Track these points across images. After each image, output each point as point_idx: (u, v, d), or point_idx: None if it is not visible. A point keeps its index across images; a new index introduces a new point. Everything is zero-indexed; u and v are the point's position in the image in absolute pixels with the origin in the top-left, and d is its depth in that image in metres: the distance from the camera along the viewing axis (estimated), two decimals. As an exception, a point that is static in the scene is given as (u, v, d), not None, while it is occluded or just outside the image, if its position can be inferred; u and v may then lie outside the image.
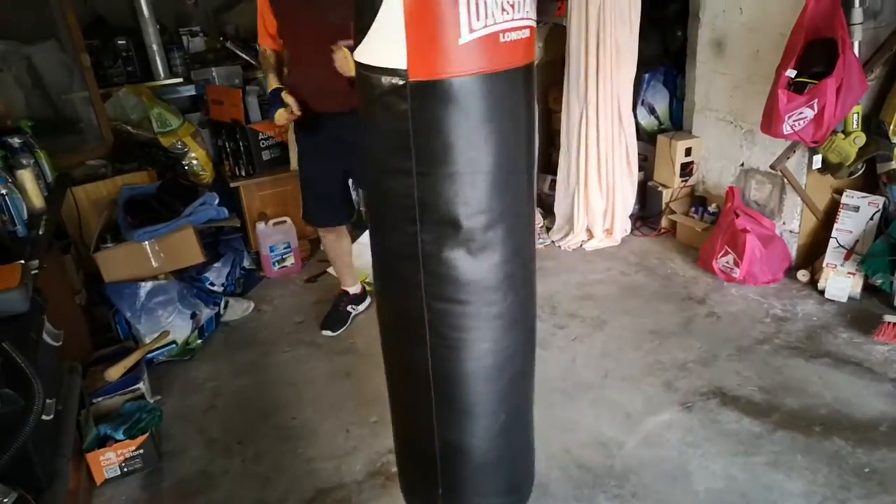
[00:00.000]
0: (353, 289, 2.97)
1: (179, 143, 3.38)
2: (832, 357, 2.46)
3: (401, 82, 1.15)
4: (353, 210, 2.86)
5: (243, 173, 3.44)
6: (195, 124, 3.55)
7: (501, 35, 1.17)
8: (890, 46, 2.67)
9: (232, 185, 3.41)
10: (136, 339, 2.70)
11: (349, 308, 2.95)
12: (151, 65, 3.84)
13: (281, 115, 2.40)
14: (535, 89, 1.32)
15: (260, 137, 3.42)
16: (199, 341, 2.84)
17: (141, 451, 2.12)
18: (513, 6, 1.17)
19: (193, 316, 2.81)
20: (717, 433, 2.12)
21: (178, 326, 2.73)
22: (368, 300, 3.02)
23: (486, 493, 1.51)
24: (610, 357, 2.57)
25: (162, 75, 3.86)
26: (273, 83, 2.47)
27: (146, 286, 2.73)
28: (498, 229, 1.26)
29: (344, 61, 2.17)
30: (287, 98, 2.38)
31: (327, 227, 2.83)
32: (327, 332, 2.87)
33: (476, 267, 1.27)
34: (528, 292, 1.42)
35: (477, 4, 1.12)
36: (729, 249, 2.96)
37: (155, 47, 3.81)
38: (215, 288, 3.12)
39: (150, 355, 2.65)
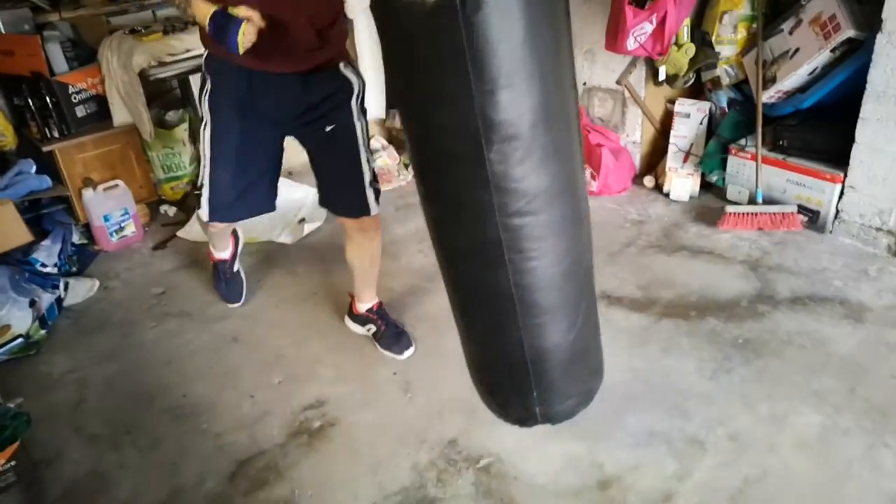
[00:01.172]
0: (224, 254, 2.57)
1: (-33, 105, 2.81)
2: (688, 250, 2.73)
3: None
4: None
5: (56, 134, 2.95)
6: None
7: None
8: (707, -39, 2.92)
9: (45, 148, 2.91)
10: (-37, 342, 2.27)
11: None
12: None
13: (247, 34, 1.64)
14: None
15: (70, 91, 2.95)
16: (43, 331, 2.45)
17: (12, 463, 1.80)
18: None
19: (32, 303, 2.41)
20: (614, 331, 2.27)
21: (17, 317, 2.33)
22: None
23: (576, 382, 1.56)
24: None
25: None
26: (202, 5, 1.68)
27: (-35, 278, 2.29)
28: (553, 134, 1.22)
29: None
30: (243, 11, 1.64)
31: (254, 216, 2.17)
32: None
33: (543, 176, 1.23)
34: (584, 190, 1.45)
35: None
36: (586, 165, 3.13)
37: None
38: (48, 269, 2.69)
39: (-13, 356, 2.24)
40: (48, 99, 2.89)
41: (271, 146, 2.03)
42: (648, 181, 3.21)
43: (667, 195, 3.12)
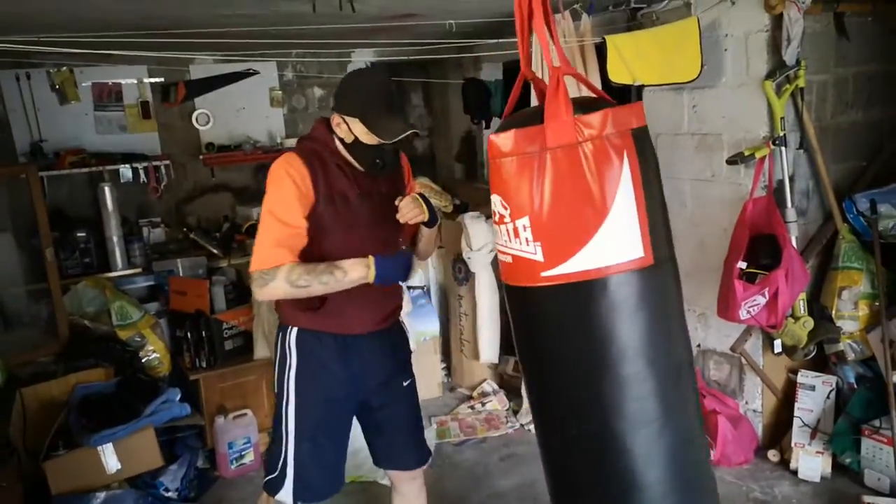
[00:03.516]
0: None
1: (138, 335, 3.27)
2: (822, 543, 2.45)
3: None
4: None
5: (204, 364, 3.32)
6: (154, 315, 3.47)
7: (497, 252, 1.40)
8: (819, 240, 2.99)
9: (192, 377, 3.27)
10: (81, 562, 2.41)
11: None
12: (110, 256, 3.82)
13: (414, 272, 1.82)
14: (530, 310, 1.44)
15: (224, 327, 3.36)
16: (151, 559, 2.56)
17: None
18: (497, 233, 1.41)
19: (148, 529, 2.55)
20: None
21: (132, 544, 2.47)
22: None
23: None
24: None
25: (120, 266, 3.82)
26: (357, 265, 1.76)
27: (99, 497, 2.50)
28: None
29: (415, 203, 1.82)
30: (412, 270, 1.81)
31: (328, 497, 2.04)
32: None
33: None
34: None
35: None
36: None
37: (115, 239, 3.81)
38: (169, 493, 2.87)
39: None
40: (204, 333, 3.31)
41: (349, 419, 2.02)
42: (773, 455, 3.00)
43: (794, 472, 2.87)
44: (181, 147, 4.50)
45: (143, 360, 3.27)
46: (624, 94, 3.86)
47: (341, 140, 1.85)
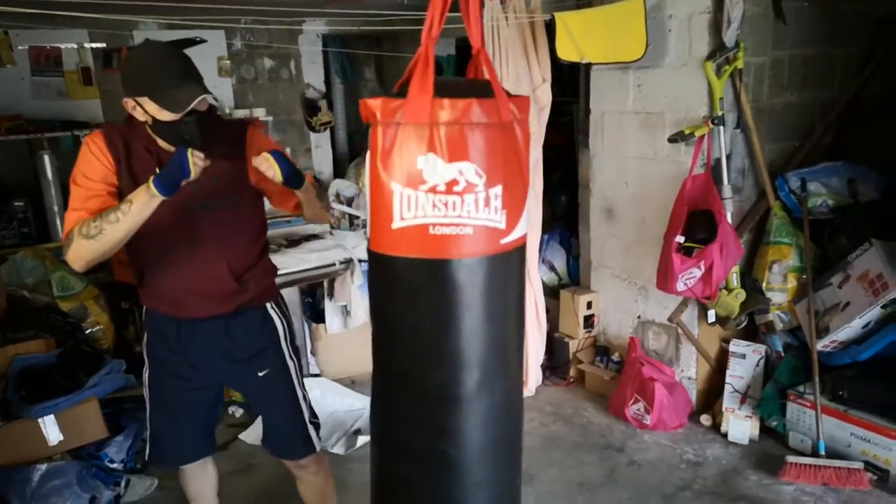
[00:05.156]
0: None
1: (81, 307, 3.20)
2: (748, 500, 2.61)
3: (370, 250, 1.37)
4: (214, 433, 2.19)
5: (149, 337, 3.28)
6: (96, 287, 3.40)
7: (431, 227, 1.29)
8: (753, 216, 3.13)
9: (137, 349, 3.21)
10: (23, 533, 2.38)
11: None
12: (50, 226, 3.71)
13: (196, 160, 1.63)
14: (489, 283, 1.38)
15: (170, 299, 3.31)
16: (97, 529, 2.54)
17: None
18: (445, 205, 1.29)
19: (93, 500, 2.53)
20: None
21: (76, 514, 2.45)
22: None
23: None
24: (544, 515, 2.57)
25: (60, 236, 3.71)
26: (139, 191, 1.65)
27: (40, 469, 2.46)
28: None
29: (266, 162, 1.72)
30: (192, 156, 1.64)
31: (193, 462, 2.12)
32: None
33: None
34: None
35: (409, 199, 1.28)
36: (639, 397, 3.15)
37: (56, 208, 3.70)
38: (115, 465, 2.84)
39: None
40: (149, 305, 3.26)
41: (204, 393, 2.02)
42: (706, 419, 3.16)
43: (724, 436, 3.04)
44: (124, 115, 4.36)
45: (86, 332, 3.21)
46: (573, 72, 3.95)
47: (145, 123, 1.76)
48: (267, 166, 1.71)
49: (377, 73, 5.50)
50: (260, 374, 1.99)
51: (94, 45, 4.22)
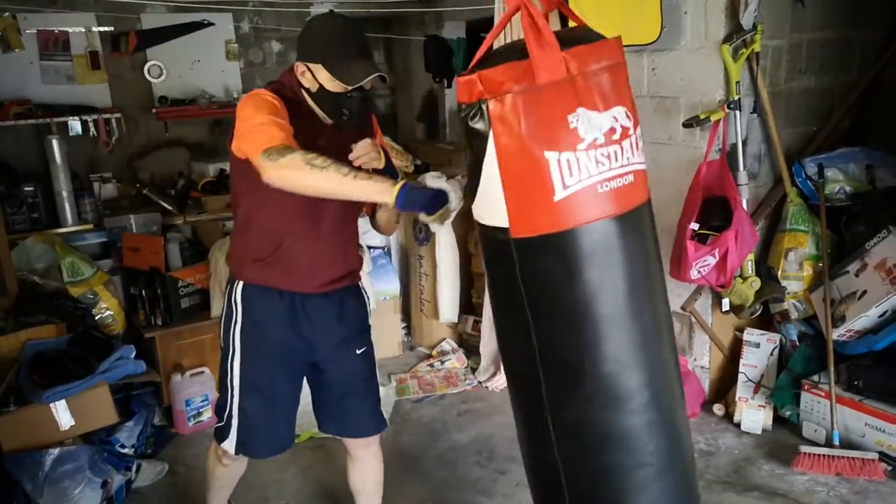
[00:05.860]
0: None
1: (91, 292, 3.20)
2: (761, 490, 2.58)
3: (505, 238, 1.24)
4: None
5: (159, 322, 3.28)
6: (106, 272, 3.39)
7: (599, 186, 1.21)
8: (769, 203, 3.08)
9: (147, 335, 3.23)
10: (36, 519, 2.39)
11: None
12: (59, 211, 3.71)
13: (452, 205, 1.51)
14: (650, 228, 1.34)
15: (179, 285, 3.31)
16: (109, 514, 2.55)
17: None
18: (608, 157, 1.21)
19: (104, 485, 2.53)
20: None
21: (87, 498, 2.45)
22: None
23: None
24: (554, 503, 2.56)
25: (70, 222, 3.72)
26: (381, 179, 1.53)
27: (52, 453, 2.46)
28: (630, 376, 1.28)
29: (373, 146, 1.70)
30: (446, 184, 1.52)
31: (282, 451, 2.05)
32: None
33: (610, 418, 1.28)
34: (677, 439, 1.40)
35: (569, 163, 1.18)
36: (651, 386, 3.12)
37: (65, 194, 3.69)
38: (126, 450, 2.84)
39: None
40: (159, 291, 3.26)
41: (299, 380, 1.99)
42: (718, 409, 3.13)
43: (737, 425, 3.01)
44: (133, 100, 4.35)
45: (96, 318, 3.21)
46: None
47: (307, 90, 1.78)
48: (375, 152, 1.71)
49: (386, 57, 5.45)
50: (358, 352, 2.00)
51: (101, 28, 4.19)
